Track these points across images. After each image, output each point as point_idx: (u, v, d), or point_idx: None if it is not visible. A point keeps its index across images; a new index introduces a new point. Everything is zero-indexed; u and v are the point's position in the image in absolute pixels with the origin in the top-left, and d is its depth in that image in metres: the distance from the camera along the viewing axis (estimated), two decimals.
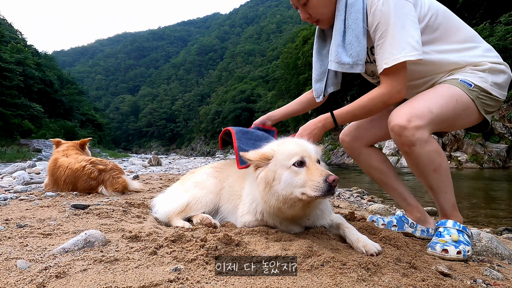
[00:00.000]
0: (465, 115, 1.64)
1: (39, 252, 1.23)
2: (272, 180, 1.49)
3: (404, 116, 1.52)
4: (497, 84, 1.64)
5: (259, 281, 1.07)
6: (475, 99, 1.60)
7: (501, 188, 6.65)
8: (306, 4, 1.71)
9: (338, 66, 1.68)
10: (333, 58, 1.70)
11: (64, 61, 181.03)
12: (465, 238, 1.57)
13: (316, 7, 1.71)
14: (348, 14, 1.65)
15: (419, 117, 1.50)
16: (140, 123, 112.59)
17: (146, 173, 7.49)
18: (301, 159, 1.47)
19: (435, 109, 1.54)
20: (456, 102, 1.57)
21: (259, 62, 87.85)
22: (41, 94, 37.06)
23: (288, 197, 1.47)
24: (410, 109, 1.54)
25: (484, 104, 1.64)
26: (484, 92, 1.61)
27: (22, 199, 2.61)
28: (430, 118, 1.52)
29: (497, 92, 1.65)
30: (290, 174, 1.46)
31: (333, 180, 1.35)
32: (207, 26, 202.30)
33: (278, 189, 1.48)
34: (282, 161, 1.49)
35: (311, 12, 1.74)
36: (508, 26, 14.81)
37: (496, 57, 1.69)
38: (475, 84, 1.60)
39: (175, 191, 2.08)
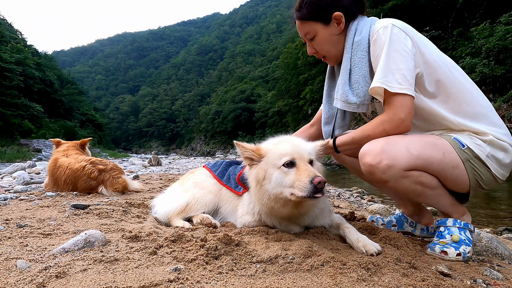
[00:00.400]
0: (455, 175, 1.51)
1: (39, 252, 1.23)
2: (263, 179, 1.52)
3: (376, 154, 1.45)
4: (496, 159, 1.51)
5: (259, 281, 1.07)
6: (465, 162, 1.49)
7: (501, 188, 6.64)
8: (313, 39, 1.75)
9: (344, 105, 1.67)
10: (339, 97, 1.69)
11: (64, 61, 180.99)
12: (466, 236, 1.55)
13: (322, 43, 1.75)
14: (354, 52, 1.65)
15: (393, 157, 1.43)
16: (140, 123, 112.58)
17: (146, 173, 7.49)
18: (291, 160, 1.47)
19: (415, 151, 1.45)
20: (443, 155, 1.48)
21: (259, 62, 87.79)
22: (41, 94, 37.06)
23: (278, 196, 1.48)
24: (384, 145, 1.46)
25: (476, 173, 1.51)
26: (478, 159, 1.50)
27: (22, 199, 2.61)
28: (408, 159, 1.43)
29: (495, 167, 1.52)
30: (280, 174, 1.47)
31: (319, 182, 1.35)
32: (207, 26, 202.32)
33: (268, 188, 1.50)
34: (273, 160, 1.51)
35: (317, 47, 1.78)
36: (508, 26, 14.82)
37: (504, 135, 1.55)
38: (468, 146, 1.50)
39: (175, 192, 2.08)
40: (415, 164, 1.45)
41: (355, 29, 1.68)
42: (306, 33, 1.76)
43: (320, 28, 1.71)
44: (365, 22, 1.68)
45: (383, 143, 1.47)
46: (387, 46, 1.50)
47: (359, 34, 1.65)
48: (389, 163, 1.43)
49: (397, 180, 1.46)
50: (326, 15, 1.68)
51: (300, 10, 1.72)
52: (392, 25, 1.53)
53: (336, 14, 1.67)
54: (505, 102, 15.34)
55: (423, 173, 1.48)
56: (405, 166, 1.44)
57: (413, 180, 1.47)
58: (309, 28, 1.73)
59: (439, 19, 20.57)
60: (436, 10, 20.77)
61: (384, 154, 1.44)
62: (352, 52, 1.66)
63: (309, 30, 1.74)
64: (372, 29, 1.62)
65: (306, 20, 1.72)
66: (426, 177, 1.49)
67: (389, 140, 1.49)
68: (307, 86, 32.91)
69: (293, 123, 39.13)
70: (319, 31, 1.71)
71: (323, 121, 1.95)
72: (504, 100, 15.31)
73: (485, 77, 15.81)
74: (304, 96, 33.24)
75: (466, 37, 18.12)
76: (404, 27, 1.56)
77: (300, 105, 35.75)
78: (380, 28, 1.55)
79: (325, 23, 1.69)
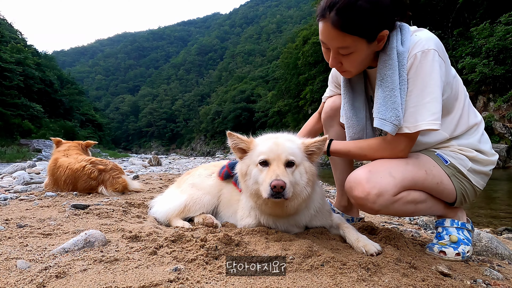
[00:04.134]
0: (440, 190, 1.51)
1: (39, 252, 1.23)
2: (245, 174, 1.55)
3: (363, 186, 1.42)
4: (475, 171, 1.53)
5: (259, 281, 1.07)
6: (451, 176, 1.49)
7: (501, 188, 6.65)
8: (347, 55, 1.43)
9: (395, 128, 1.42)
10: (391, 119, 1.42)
11: (64, 61, 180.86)
12: (465, 235, 1.56)
13: (357, 61, 1.46)
14: (401, 66, 1.40)
15: (379, 186, 1.40)
16: (140, 123, 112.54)
17: (146, 173, 7.49)
18: (265, 159, 1.48)
19: (398, 174, 1.43)
20: (426, 174, 1.47)
21: (259, 62, 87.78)
22: (41, 94, 37.06)
23: (256, 194, 1.51)
24: (368, 176, 1.43)
25: (462, 187, 1.52)
26: (461, 174, 1.51)
27: (22, 199, 2.61)
28: (394, 183, 1.42)
29: (475, 179, 1.54)
30: (257, 171, 1.50)
31: (274, 186, 1.35)
32: (207, 26, 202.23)
33: (249, 184, 1.54)
34: (254, 157, 1.53)
35: (347, 63, 1.47)
36: (508, 26, 14.82)
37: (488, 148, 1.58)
38: (451, 162, 1.50)
39: (172, 194, 2.07)
40: (401, 187, 1.44)
41: (395, 40, 1.43)
42: (342, 47, 1.40)
43: (363, 45, 1.39)
44: (405, 28, 1.46)
45: (367, 174, 1.44)
46: (423, 80, 1.36)
47: (402, 44, 1.43)
48: (378, 193, 1.41)
49: (388, 207, 1.45)
50: (375, 32, 1.36)
51: (343, 13, 1.31)
52: (433, 50, 1.36)
53: (383, 33, 1.37)
54: (505, 102, 15.34)
55: (410, 191, 1.48)
56: (393, 192, 1.43)
57: (404, 201, 1.47)
58: (350, 42, 1.37)
59: (439, 19, 20.57)
60: (436, 10, 20.77)
61: (370, 184, 1.42)
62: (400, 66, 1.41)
63: (348, 45, 1.38)
64: (409, 45, 1.42)
65: (349, 34, 1.34)
66: (414, 194, 1.49)
67: (371, 168, 1.47)
68: (307, 86, 32.90)
69: (293, 123, 39.07)
70: (360, 49, 1.39)
71: (351, 137, 1.69)
72: (504, 100, 15.31)
73: (485, 77, 15.81)
74: (304, 96, 33.23)
75: (466, 37, 18.12)
76: (441, 49, 1.42)
77: (300, 105, 35.75)
78: (419, 52, 1.37)
79: (369, 41, 1.38)
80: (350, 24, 1.32)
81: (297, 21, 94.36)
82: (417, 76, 1.38)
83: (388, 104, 1.42)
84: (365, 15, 1.30)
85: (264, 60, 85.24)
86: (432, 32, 1.47)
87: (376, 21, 1.33)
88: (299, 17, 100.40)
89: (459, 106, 1.54)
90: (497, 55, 15.54)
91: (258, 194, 1.50)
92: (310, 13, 74.64)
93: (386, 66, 1.43)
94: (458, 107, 1.54)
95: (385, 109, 1.43)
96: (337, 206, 2.18)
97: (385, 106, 1.43)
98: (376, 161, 1.52)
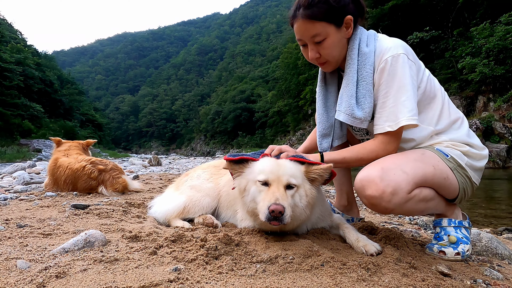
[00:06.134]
0: (447, 185, 1.52)
1: (39, 252, 1.23)
2: (244, 190, 1.52)
3: (377, 184, 1.39)
4: (472, 166, 1.57)
5: (259, 281, 1.07)
6: (453, 170, 1.52)
7: (501, 188, 6.65)
8: (321, 42, 1.55)
9: (349, 119, 1.57)
10: (344, 110, 1.58)
11: (64, 61, 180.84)
12: (463, 234, 1.56)
13: (331, 47, 1.57)
14: (362, 64, 1.56)
15: (394, 184, 1.38)
16: (140, 123, 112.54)
17: (146, 173, 7.49)
18: (265, 180, 1.43)
19: (409, 171, 1.43)
20: (434, 169, 1.48)
21: (259, 62, 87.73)
22: (41, 94, 37.06)
23: (253, 211, 1.48)
24: (382, 174, 1.41)
25: (463, 181, 1.54)
26: (460, 168, 1.53)
27: (22, 199, 2.61)
28: (408, 181, 1.41)
29: (473, 174, 1.57)
30: (255, 189, 1.46)
31: (272, 210, 1.31)
32: (207, 26, 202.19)
33: (246, 201, 1.51)
34: (253, 174, 1.49)
35: (323, 52, 1.58)
36: (508, 26, 14.83)
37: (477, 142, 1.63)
38: (452, 155, 1.53)
39: (171, 196, 2.06)
40: (414, 184, 1.43)
41: (359, 38, 1.59)
42: (314, 35, 1.54)
43: (332, 30, 1.54)
44: (369, 33, 1.62)
45: (379, 172, 1.41)
46: (398, 81, 1.47)
47: (366, 45, 1.57)
48: (392, 191, 1.38)
49: (402, 206, 1.42)
50: (340, 17, 1.53)
51: (309, 7, 1.50)
52: (402, 55, 1.48)
53: (348, 17, 1.54)
54: (505, 102, 15.35)
55: (422, 188, 1.47)
56: (407, 190, 1.41)
57: (417, 199, 1.45)
58: (320, 29, 1.52)
59: (439, 19, 20.58)
60: (436, 10, 20.78)
61: (384, 182, 1.38)
62: (359, 63, 1.57)
63: (319, 32, 1.52)
64: (378, 49, 1.55)
65: (318, 20, 1.50)
66: (425, 191, 1.48)
67: (383, 166, 1.44)
68: (307, 86, 32.94)
69: (293, 123, 39.09)
70: (331, 34, 1.54)
71: (320, 132, 1.80)
72: (504, 100, 15.32)
73: (485, 77, 15.83)
74: (304, 96, 33.27)
75: (466, 37, 18.13)
76: (410, 53, 1.53)
77: (300, 105, 35.77)
78: (389, 56, 1.48)
79: (337, 26, 1.54)
80: (317, 12, 1.50)
81: None
82: (392, 78, 1.49)
83: (343, 97, 1.60)
84: (327, 3, 1.49)
85: (264, 60, 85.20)
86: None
87: (338, 8, 1.51)
88: None
89: (438, 102, 1.62)
90: (497, 55, 15.56)
91: (255, 213, 1.47)
92: None
93: (348, 65, 1.61)
94: (438, 103, 1.62)
95: (341, 102, 1.61)
96: (337, 206, 2.18)
97: (341, 99, 1.62)
98: (384, 158, 1.50)
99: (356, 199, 2.24)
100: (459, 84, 18.20)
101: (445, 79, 18.28)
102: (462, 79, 17.60)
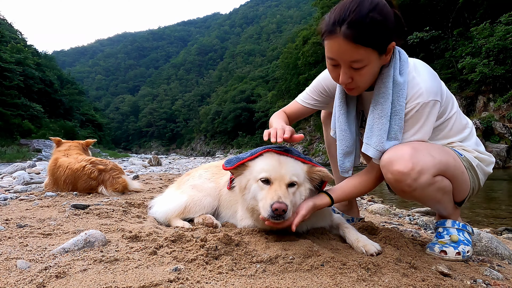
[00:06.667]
0: (464, 180, 1.53)
1: (39, 252, 1.23)
2: (244, 188, 1.52)
3: (406, 161, 1.38)
4: (482, 169, 1.60)
5: (259, 281, 1.07)
6: (467, 169, 1.53)
7: (501, 188, 6.65)
8: (359, 69, 1.38)
9: (379, 154, 1.49)
10: (374, 145, 1.49)
11: (64, 61, 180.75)
12: (465, 237, 1.56)
13: (368, 75, 1.43)
14: (396, 96, 1.45)
15: (423, 164, 1.39)
16: (140, 123, 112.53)
17: (146, 173, 7.49)
18: (267, 177, 1.43)
19: (436, 155, 1.44)
20: (455, 161, 1.50)
21: (259, 62, 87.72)
22: (41, 94, 37.05)
23: (253, 209, 1.49)
24: (412, 152, 1.39)
25: (472, 181, 1.56)
26: (472, 168, 1.55)
27: (22, 199, 2.61)
28: (434, 163, 1.41)
29: (481, 177, 1.60)
30: (256, 187, 1.46)
31: (275, 208, 1.32)
32: (207, 26, 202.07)
33: (247, 198, 1.51)
34: (255, 172, 1.48)
35: (358, 79, 1.43)
36: (508, 26, 14.83)
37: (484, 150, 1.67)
38: (465, 155, 1.56)
39: (172, 195, 2.06)
40: (439, 169, 1.44)
41: (393, 65, 1.46)
42: (355, 60, 1.35)
43: (375, 58, 1.37)
44: (401, 58, 1.49)
45: (411, 150, 1.40)
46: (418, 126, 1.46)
47: (400, 74, 1.46)
48: (420, 170, 1.37)
49: (424, 189, 1.42)
50: (385, 43, 1.36)
51: (357, 27, 1.28)
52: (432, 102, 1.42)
53: (391, 44, 1.37)
54: (505, 102, 15.35)
55: (443, 177, 1.48)
56: (433, 172, 1.42)
57: (437, 186, 1.45)
58: (364, 56, 1.33)
59: (439, 19, 20.58)
60: (436, 10, 20.78)
61: (414, 160, 1.37)
62: (393, 94, 1.45)
63: (362, 58, 1.34)
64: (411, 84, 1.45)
65: (364, 46, 1.30)
66: (445, 181, 1.49)
67: (413, 146, 1.43)
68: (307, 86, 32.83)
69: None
70: (372, 62, 1.37)
71: (343, 150, 1.69)
72: (504, 100, 15.32)
73: (485, 77, 15.83)
74: None
75: (466, 37, 18.13)
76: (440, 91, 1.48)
77: None
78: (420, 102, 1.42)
79: (380, 53, 1.37)
80: (364, 36, 1.29)
81: (297, 21, 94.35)
82: (414, 122, 1.46)
83: (375, 131, 1.49)
84: (377, 26, 1.29)
85: (264, 60, 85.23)
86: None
87: (387, 32, 1.34)
88: (299, 17, 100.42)
89: (452, 120, 1.60)
90: (497, 55, 15.56)
91: (255, 210, 1.48)
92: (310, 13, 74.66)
93: (380, 94, 1.48)
94: (451, 120, 1.60)
95: (371, 135, 1.51)
96: (337, 206, 2.18)
97: (371, 132, 1.51)
98: (414, 142, 1.48)
99: (356, 199, 2.24)
100: (459, 84, 18.20)
101: (445, 79, 18.24)
102: (462, 79, 17.61)
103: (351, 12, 1.29)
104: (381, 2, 1.32)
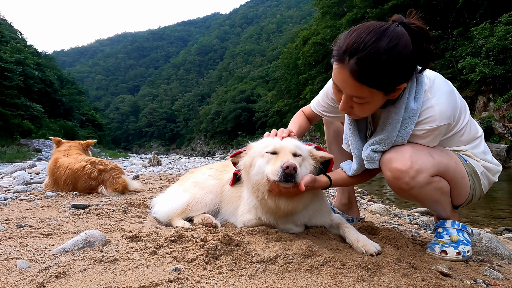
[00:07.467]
0: (463, 185, 1.55)
1: (39, 252, 1.23)
2: (250, 165, 1.58)
3: (405, 159, 1.41)
4: (486, 176, 1.62)
5: (259, 281, 1.07)
6: (469, 175, 1.54)
7: (501, 188, 6.64)
8: (361, 104, 1.35)
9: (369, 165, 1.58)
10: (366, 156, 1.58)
11: (64, 61, 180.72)
12: (465, 237, 1.57)
13: (369, 109, 1.41)
14: (405, 123, 1.43)
15: (421, 163, 1.41)
16: (140, 123, 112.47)
17: (146, 173, 7.49)
18: (273, 150, 1.52)
19: (436, 156, 1.46)
20: (456, 164, 1.51)
21: (259, 62, 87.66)
22: (41, 94, 37.03)
23: (260, 183, 1.52)
24: (412, 152, 1.43)
25: (473, 188, 1.57)
26: (475, 175, 1.56)
27: (22, 199, 2.61)
28: (433, 164, 1.44)
29: (485, 185, 1.62)
30: (262, 160, 1.52)
31: (287, 166, 1.37)
32: (207, 26, 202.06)
33: (252, 175, 1.55)
34: (259, 149, 1.57)
35: (358, 110, 1.41)
36: (508, 26, 14.81)
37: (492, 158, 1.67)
38: (470, 162, 1.57)
39: (175, 192, 2.08)
40: (438, 170, 1.46)
41: (407, 93, 1.41)
42: (358, 97, 1.32)
43: (379, 97, 1.33)
44: (420, 79, 1.42)
45: (411, 149, 1.44)
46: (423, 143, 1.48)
47: (415, 99, 1.41)
48: (419, 168, 1.41)
49: (421, 188, 1.44)
50: (393, 86, 1.30)
51: (364, 65, 1.21)
52: (443, 126, 1.41)
53: (401, 86, 1.31)
54: (505, 102, 15.34)
55: (441, 178, 1.50)
56: (432, 172, 1.44)
57: (435, 186, 1.47)
58: (366, 94, 1.30)
59: (439, 19, 20.57)
60: (436, 10, 20.77)
61: (413, 158, 1.41)
62: (403, 122, 1.43)
63: (365, 96, 1.31)
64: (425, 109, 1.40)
65: (367, 85, 1.26)
66: (444, 182, 1.51)
67: (414, 146, 1.46)
68: (307, 86, 32.90)
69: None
70: (375, 100, 1.34)
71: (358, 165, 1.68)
72: (504, 100, 15.31)
73: (485, 77, 15.81)
74: (304, 96, 33.20)
75: (466, 37, 18.11)
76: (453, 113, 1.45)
77: (300, 105, 35.42)
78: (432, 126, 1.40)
79: (386, 93, 1.33)
80: (370, 78, 1.23)
81: (297, 21, 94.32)
82: (419, 140, 1.48)
83: (376, 147, 1.52)
84: (387, 71, 1.22)
85: (264, 60, 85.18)
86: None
87: (397, 76, 1.26)
88: (299, 17, 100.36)
89: (462, 130, 1.57)
90: (497, 55, 15.54)
91: (260, 183, 1.51)
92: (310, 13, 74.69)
93: (389, 119, 1.45)
94: (462, 130, 1.57)
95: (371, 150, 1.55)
96: (337, 205, 2.18)
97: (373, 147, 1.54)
98: (414, 143, 1.49)
99: (356, 199, 2.24)
100: (459, 84, 18.18)
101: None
102: (462, 79, 17.59)
103: (366, 46, 1.20)
104: (403, 41, 1.21)
